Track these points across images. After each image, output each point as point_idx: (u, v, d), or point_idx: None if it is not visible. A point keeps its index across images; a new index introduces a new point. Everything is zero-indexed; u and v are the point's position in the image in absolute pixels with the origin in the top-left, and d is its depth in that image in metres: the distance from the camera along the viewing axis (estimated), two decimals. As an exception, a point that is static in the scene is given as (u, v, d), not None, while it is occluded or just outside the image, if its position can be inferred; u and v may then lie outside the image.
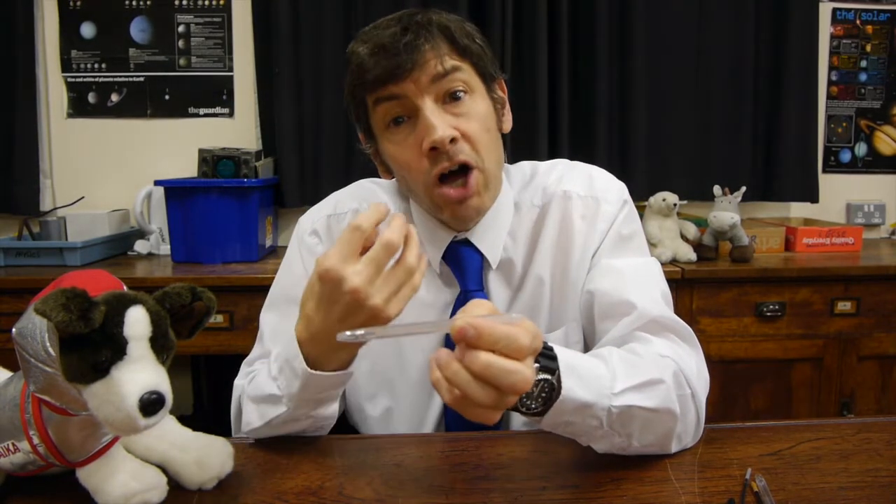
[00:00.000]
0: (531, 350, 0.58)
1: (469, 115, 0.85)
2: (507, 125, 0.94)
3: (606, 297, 0.89)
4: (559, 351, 0.67)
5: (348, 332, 0.58)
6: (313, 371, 0.74)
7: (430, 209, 0.92)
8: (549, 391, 0.65)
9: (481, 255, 0.95)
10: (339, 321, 0.69)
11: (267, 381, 0.81)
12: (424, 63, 0.81)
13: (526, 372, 0.56)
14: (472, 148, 0.85)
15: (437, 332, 0.63)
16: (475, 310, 0.61)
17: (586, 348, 0.96)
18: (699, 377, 0.81)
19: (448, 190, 0.85)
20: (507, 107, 0.94)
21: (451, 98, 0.84)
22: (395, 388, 0.99)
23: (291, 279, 0.98)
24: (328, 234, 0.99)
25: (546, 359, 0.65)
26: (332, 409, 0.82)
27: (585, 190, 0.97)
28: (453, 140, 0.82)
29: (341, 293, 0.67)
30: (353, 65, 0.84)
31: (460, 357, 0.56)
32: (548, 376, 0.64)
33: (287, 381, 0.77)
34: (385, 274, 0.68)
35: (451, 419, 0.96)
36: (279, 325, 0.96)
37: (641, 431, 0.73)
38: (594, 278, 0.93)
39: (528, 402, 0.64)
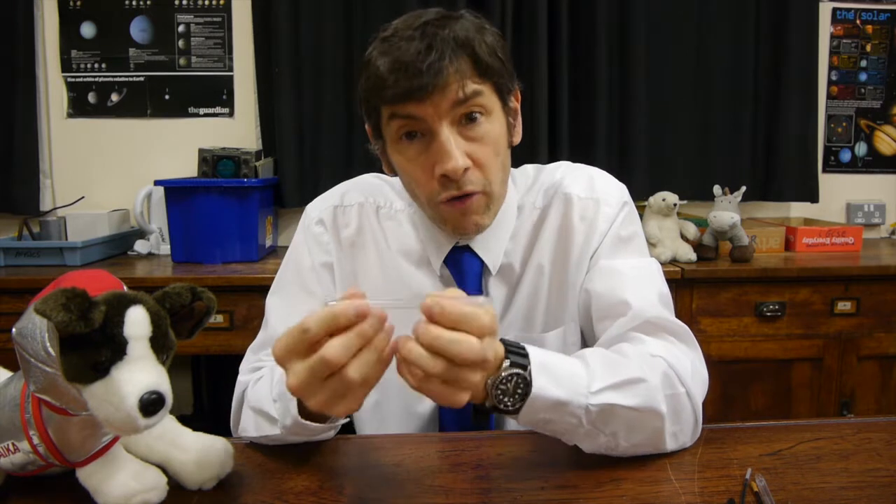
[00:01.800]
0: (490, 329, 0.59)
1: (483, 140, 0.84)
2: (517, 137, 0.93)
3: (603, 297, 0.90)
4: (532, 350, 0.68)
5: (331, 301, 0.58)
6: (304, 421, 0.74)
7: (432, 219, 0.93)
8: (524, 387, 0.65)
9: (482, 260, 0.95)
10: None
11: (267, 396, 0.81)
12: (446, 86, 0.78)
13: (473, 342, 0.58)
14: (482, 174, 0.85)
15: (411, 309, 0.62)
16: (447, 293, 0.62)
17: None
18: (695, 376, 0.80)
19: (454, 203, 0.85)
20: (519, 117, 0.93)
21: (467, 119, 0.83)
22: (383, 381, 0.99)
23: (298, 267, 1.00)
24: (334, 225, 1.00)
25: (517, 356, 0.66)
26: (328, 436, 0.82)
27: (586, 192, 0.97)
28: (465, 169, 0.82)
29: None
30: (372, 75, 0.81)
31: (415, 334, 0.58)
32: (519, 370, 0.65)
33: (283, 412, 0.77)
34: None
35: (444, 412, 0.96)
36: (285, 310, 0.98)
37: (627, 431, 0.73)
38: (592, 279, 0.93)
39: (505, 399, 0.65)
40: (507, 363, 0.65)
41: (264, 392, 0.83)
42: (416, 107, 0.80)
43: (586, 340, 0.98)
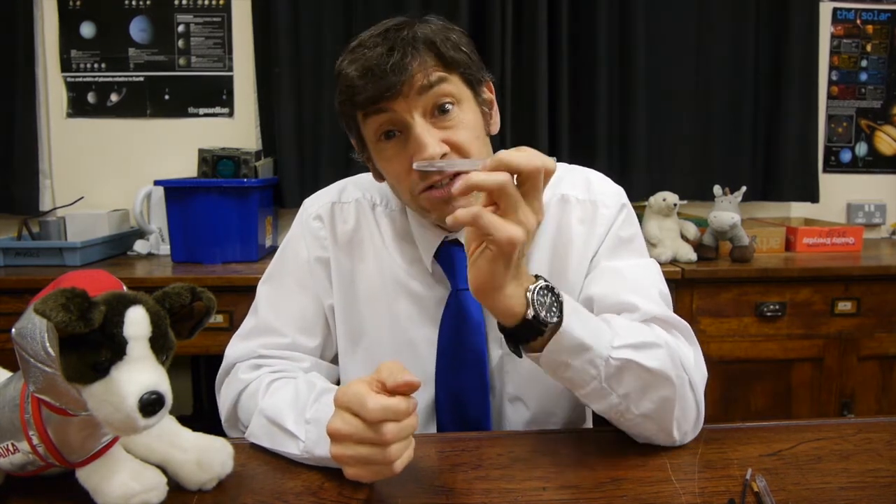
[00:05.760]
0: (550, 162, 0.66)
1: (458, 126, 0.85)
2: (495, 127, 0.95)
3: (606, 298, 0.89)
4: (565, 295, 0.71)
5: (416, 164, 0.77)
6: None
7: (418, 213, 0.93)
8: (558, 307, 0.69)
9: None
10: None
11: (289, 412, 0.80)
12: (411, 79, 0.81)
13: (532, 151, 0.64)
14: (463, 157, 0.85)
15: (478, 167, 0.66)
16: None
17: None
18: (696, 369, 0.82)
19: (433, 192, 0.85)
20: (495, 108, 0.95)
21: (439, 112, 0.84)
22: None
23: (296, 261, 1.01)
24: (331, 221, 1.01)
25: (548, 283, 0.70)
26: None
27: (583, 193, 0.97)
28: (444, 155, 0.83)
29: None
30: (343, 85, 0.85)
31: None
32: (553, 288, 0.69)
33: (314, 441, 0.76)
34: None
35: (442, 409, 0.96)
36: (276, 300, 1.00)
37: (639, 395, 0.74)
38: (593, 281, 0.93)
39: (543, 312, 0.68)
40: (541, 280, 0.69)
41: (284, 405, 0.82)
42: (386, 104, 0.82)
43: None
